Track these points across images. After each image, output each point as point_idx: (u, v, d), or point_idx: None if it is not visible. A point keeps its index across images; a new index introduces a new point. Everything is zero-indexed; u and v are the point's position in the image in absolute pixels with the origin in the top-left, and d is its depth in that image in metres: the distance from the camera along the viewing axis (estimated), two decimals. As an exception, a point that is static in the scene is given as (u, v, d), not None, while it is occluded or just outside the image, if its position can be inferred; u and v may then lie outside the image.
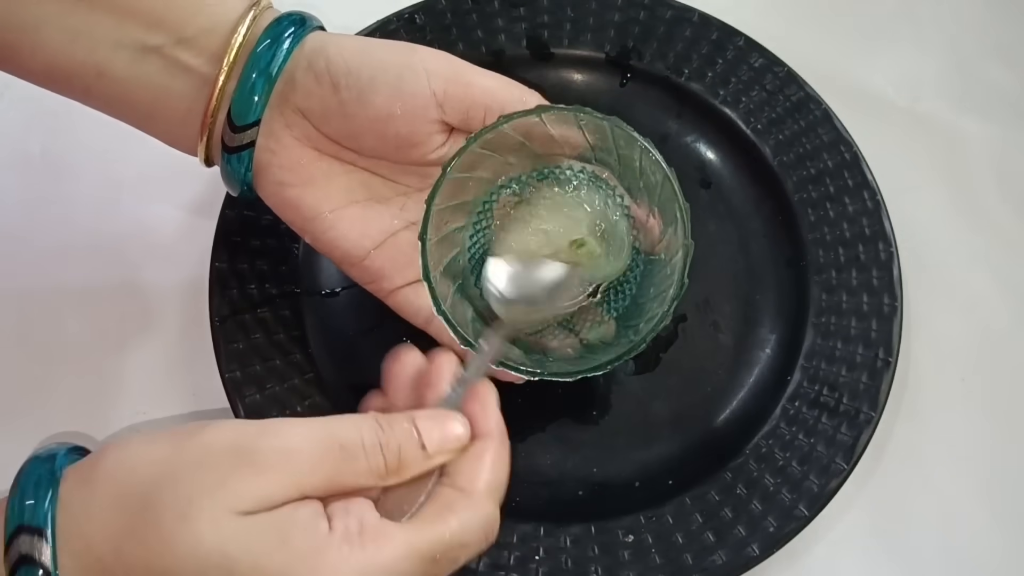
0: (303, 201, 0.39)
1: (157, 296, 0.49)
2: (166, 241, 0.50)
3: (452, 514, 0.30)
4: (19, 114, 0.52)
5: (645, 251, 0.40)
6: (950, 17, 0.56)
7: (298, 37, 0.38)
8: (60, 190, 0.51)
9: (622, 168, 0.39)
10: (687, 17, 0.52)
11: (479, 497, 0.31)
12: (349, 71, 0.37)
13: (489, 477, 0.32)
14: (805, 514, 0.41)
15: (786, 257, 0.48)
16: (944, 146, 0.53)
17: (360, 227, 0.40)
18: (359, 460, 0.30)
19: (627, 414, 0.45)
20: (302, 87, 0.38)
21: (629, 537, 0.41)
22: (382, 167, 0.40)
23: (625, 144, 0.37)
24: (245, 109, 0.37)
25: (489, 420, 0.33)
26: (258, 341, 0.45)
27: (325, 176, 0.39)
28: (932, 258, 0.50)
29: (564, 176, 0.40)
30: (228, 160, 0.39)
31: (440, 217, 0.38)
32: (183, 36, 0.37)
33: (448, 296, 0.38)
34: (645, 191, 0.39)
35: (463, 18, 0.52)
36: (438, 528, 0.30)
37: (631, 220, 0.40)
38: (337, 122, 0.38)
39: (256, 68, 0.37)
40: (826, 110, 0.49)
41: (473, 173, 0.39)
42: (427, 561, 0.29)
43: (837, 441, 0.43)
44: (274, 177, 0.39)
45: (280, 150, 0.39)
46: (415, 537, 0.29)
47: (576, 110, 0.37)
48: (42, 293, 0.49)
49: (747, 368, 0.46)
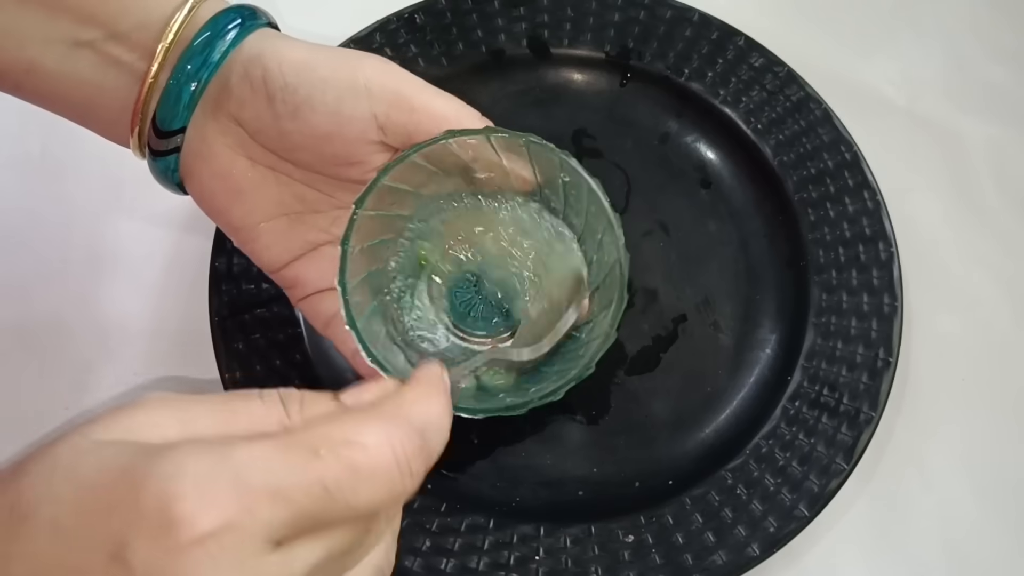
0: (231, 211, 0.38)
1: (157, 296, 0.49)
2: (166, 241, 0.50)
3: (347, 416, 0.26)
4: (19, 114, 0.52)
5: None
6: (950, 17, 0.57)
7: (244, 31, 0.35)
8: (60, 190, 0.51)
9: (584, 230, 0.37)
10: (687, 17, 0.52)
11: (387, 411, 0.27)
12: (286, 86, 0.35)
13: (405, 400, 0.28)
14: (805, 514, 0.41)
15: (786, 257, 0.48)
16: (944, 146, 0.53)
17: (285, 241, 0.38)
18: (252, 401, 0.27)
19: (627, 414, 0.45)
20: (236, 95, 0.36)
21: (629, 537, 0.41)
22: (319, 181, 0.38)
23: (577, 198, 0.35)
24: (170, 115, 0.35)
25: (426, 374, 0.29)
26: (258, 341, 0.45)
27: (256, 187, 0.38)
28: (932, 258, 0.50)
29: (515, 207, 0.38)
30: (155, 162, 0.37)
31: (369, 226, 0.36)
32: (116, 31, 0.35)
33: (365, 308, 0.36)
34: (595, 266, 0.36)
35: (463, 18, 0.52)
36: (323, 425, 0.25)
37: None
38: (272, 135, 0.36)
39: (185, 72, 0.35)
40: (826, 110, 0.49)
41: (415, 188, 0.37)
42: (303, 450, 0.24)
43: (837, 441, 0.43)
44: (204, 184, 0.38)
45: (211, 157, 0.37)
46: (291, 430, 0.26)
47: (527, 138, 0.35)
48: (42, 293, 0.49)
49: (747, 368, 0.46)
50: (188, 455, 0.24)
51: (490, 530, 0.42)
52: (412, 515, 0.42)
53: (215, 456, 0.24)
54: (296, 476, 0.24)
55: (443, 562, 0.40)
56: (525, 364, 0.37)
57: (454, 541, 0.41)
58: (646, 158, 0.50)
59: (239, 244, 0.39)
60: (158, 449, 0.24)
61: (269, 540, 0.24)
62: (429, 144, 0.35)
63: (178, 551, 0.23)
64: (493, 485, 0.44)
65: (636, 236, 0.49)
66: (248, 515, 0.23)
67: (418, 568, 0.40)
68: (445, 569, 0.40)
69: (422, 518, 0.42)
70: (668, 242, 0.49)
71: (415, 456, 0.26)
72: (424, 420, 0.27)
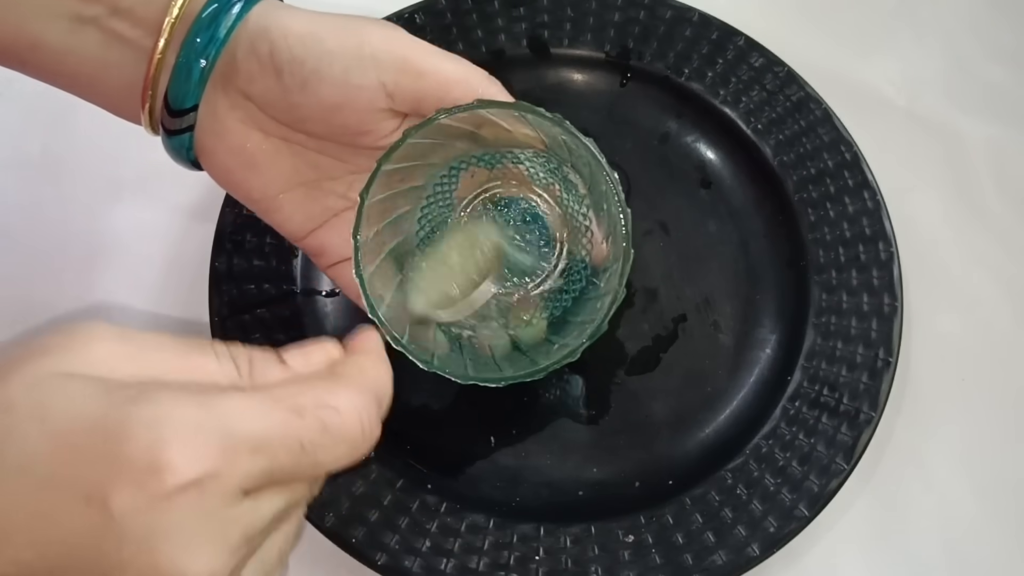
0: (250, 184, 0.38)
1: (157, 296, 0.49)
2: (166, 241, 0.50)
3: (321, 381, 0.28)
4: (19, 114, 0.52)
5: (592, 266, 0.39)
6: (950, 17, 0.57)
7: (249, 3, 0.35)
8: (60, 190, 0.51)
9: (591, 181, 0.38)
10: (687, 17, 0.52)
11: (352, 379, 0.29)
12: (293, 59, 0.35)
13: (364, 368, 0.30)
14: (805, 514, 0.41)
15: (786, 257, 0.48)
16: (944, 146, 0.53)
17: (305, 209, 0.39)
18: (208, 354, 0.28)
19: (627, 414, 0.45)
20: (244, 70, 0.35)
21: (629, 537, 0.41)
22: (332, 148, 0.38)
23: (578, 156, 0.36)
24: (182, 94, 0.35)
25: (367, 342, 0.31)
26: (258, 341, 0.45)
27: (271, 159, 0.38)
28: (932, 258, 0.50)
29: (524, 161, 0.39)
30: (170, 140, 0.37)
31: (383, 205, 0.37)
32: (118, 6, 0.34)
33: (391, 284, 0.37)
34: (606, 216, 0.37)
35: (463, 18, 0.52)
36: (298, 387, 0.27)
37: (588, 231, 0.39)
38: (282, 108, 0.36)
39: (194, 47, 0.34)
40: (826, 110, 0.49)
41: (422, 160, 0.38)
42: (286, 408, 0.26)
43: (837, 441, 0.43)
44: (219, 161, 0.38)
45: (225, 133, 0.37)
46: (270, 390, 0.27)
47: (519, 107, 0.35)
48: (41, 293, 0.48)
49: (747, 368, 0.46)
50: (173, 402, 0.24)
51: (490, 530, 0.42)
52: (412, 515, 0.42)
53: (201, 405, 0.25)
54: (279, 432, 0.26)
55: (443, 562, 0.40)
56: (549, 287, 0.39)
57: (454, 541, 0.41)
58: (646, 158, 0.50)
59: (261, 215, 0.39)
60: (135, 392, 0.25)
61: (243, 489, 0.25)
62: (423, 126, 0.35)
63: (161, 497, 0.23)
64: (493, 485, 0.44)
65: (636, 236, 0.48)
66: (229, 465, 0.24)
67: (418, 568, 0.40)
68: (445, 569, 0.40)
69: (422, 518, 0.42)
70: (668, 242, 0.49)
71: (374, 421, 0.28)
72: (379, 388, 0.29)
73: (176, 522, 0.24)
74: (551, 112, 0.34)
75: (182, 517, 0.24)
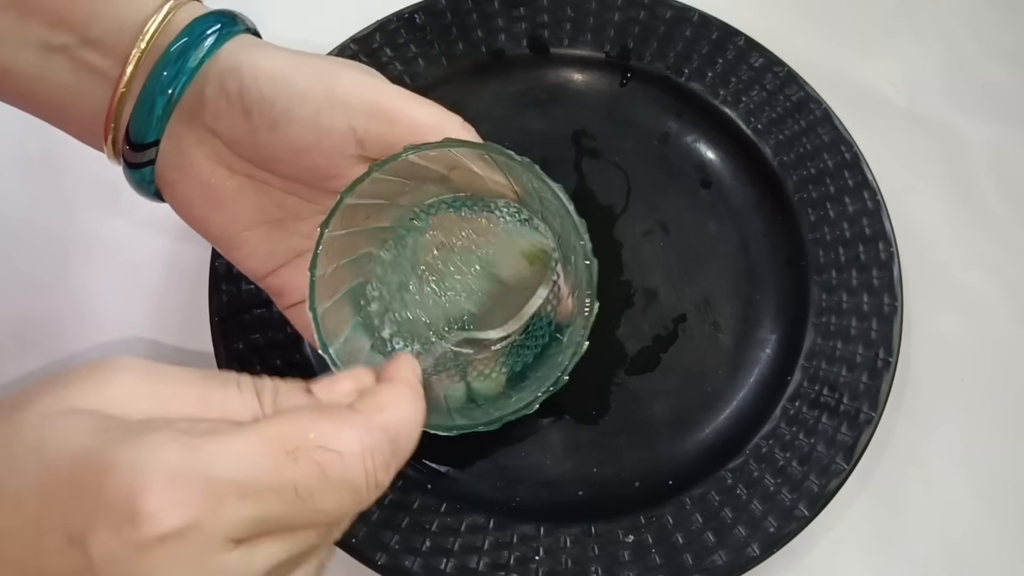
0: (212, 221, 0.37)
1: (157, 296, 0.49)
2: (166, 241, 0.50)
3: (323, 414, 0.26)
4: (19, 114, 0.52)
5: (557, 322, 0.38)
6: (950, 17, 0.56)
7: (222, 38, 0.34)
8: (60, 191, 0.51)
9: (561, 233, 0.37)
10: (687, 17, 0.52)
11: (363, 416, 0.27)
12: (263, 99, 0.34)
13: (382, 403, 0.27)
14: (805, 514, 0.41)
15: (786, 257, 0.48)
16: (944, 146, 0.53)
17: (267, 247, 0.38)
18: (230, 389, 0.26)
19: (627, 414, 0.45)
20: (212, 107, 0.35)
21: (629, 537, 0.41)
22: (300, 189, 0.37)
23: (547, 203, 0.35)
24: (143, 128, 0.34)
25: (400, 370, 0.29)
26: (258, 341, 0.45)
27: (236, 196, 0.37)
28: (932, 258, 0.50)
29: (494, 210, 0.38)
30: (131, 172, 0.36)
31: (345, 241, 0.35)
32: (88, 36, 0.34)
33: (347, 323, 0.36)
34: (573, 270, 0.36)
35: (463, 18, 0.52)
36: (298, 419, 0.25)
37: (555, 286, 0.38)
38: (249, 147, 0.36)
39: (160, 79, 0.34)
40: (826, 110, 0.49)
41: (390, 201, 0.37)
42: (277, 451, 0.24)
43: (837, 441, 0.43)
44: (183, 195, 0.37)
45: (190, 167, 0.36)
46: (265, 425, 0.25)
47: (488, 148, 0.34)
48: (41, 293, 0.49)
49: (747, 368, 0.46)
50: (158, 444, 0.23)
51: (490, 530, 0.42)
52: (412, 515, 0.42)
53: (186, 449, 0.23)
54: (268, 478, 0.24)
55: (443, 562, 0.40)
56: (495, 342, 0.37)
57: (454, 541, 0.41)
58: (646, 158, 0.50)
59: (222, 252, 0.39)
60: (127, 431, 0.24)
61: (231, 539, 0.23)
62: (389, 162, 0.34)
63: (140, 547, 0.22)
64: (493, 485, 0.44)
65: (636, 236, 0.49)
66: (212, 514, 0.23)
67: (418, 568, 0.40)
68: (445, 569, 0.40)
69: (422, 518, 0.42)
70: (668, 242, 0.49)
71: (383, 467, 0.26)
72: (398, 428, 0.27)
73: (156, 573, 0.23)
74: (520, 155, 0.33)
75: (162, 568, 0.23)
